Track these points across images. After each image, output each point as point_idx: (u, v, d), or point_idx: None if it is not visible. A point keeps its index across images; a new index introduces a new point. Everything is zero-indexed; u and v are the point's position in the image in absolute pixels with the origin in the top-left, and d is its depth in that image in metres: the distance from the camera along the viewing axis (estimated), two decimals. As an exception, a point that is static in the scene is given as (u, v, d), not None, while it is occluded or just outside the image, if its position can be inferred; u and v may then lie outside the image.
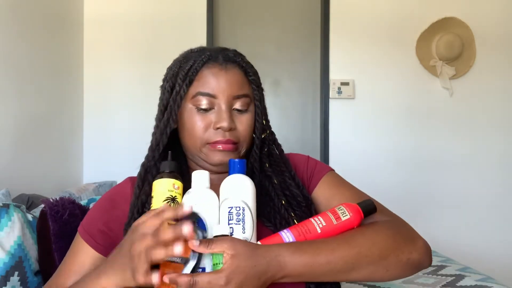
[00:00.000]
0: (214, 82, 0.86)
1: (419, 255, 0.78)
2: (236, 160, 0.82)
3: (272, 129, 0.96)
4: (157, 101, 0.97)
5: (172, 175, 0.80)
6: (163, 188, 0.78)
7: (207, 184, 0.79)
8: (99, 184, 2.11)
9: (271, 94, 2.86)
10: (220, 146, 0.85)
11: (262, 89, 0.93)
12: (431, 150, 2.79)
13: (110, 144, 2.75)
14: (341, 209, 0.78)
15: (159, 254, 0.64)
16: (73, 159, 2.63)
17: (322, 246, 0.73)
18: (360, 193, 0.91)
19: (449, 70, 2.75)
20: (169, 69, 0.93)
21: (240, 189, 0.79)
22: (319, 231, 0.76)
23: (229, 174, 0.82)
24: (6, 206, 1.25)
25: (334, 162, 2.76)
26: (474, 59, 2.78)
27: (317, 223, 0.77)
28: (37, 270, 1.28)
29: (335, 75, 2.79)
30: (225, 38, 2.89)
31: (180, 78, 0.87)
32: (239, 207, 0.77)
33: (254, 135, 0.91)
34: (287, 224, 0.82)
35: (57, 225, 1.25)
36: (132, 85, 2.77)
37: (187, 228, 0.64)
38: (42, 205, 1.32)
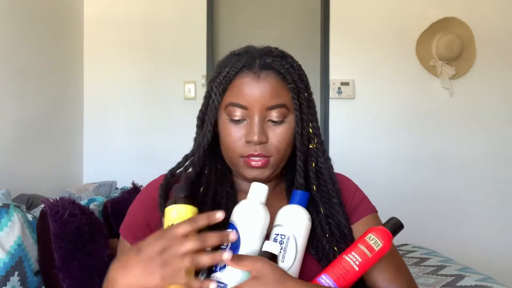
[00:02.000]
0: (246, 93, 0.81)
1: None
2: (300, 191, 0.80)
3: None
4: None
5: (188, 200, 0.72)
6: (179, 216, 0.70)
7: (263, 199, 0.77)
8: (99, 184, 2.11)
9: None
10: (254, 163, 0.82)
11: (308, 94, 0.86)
12: (431, 150, 2.79)
13: (110, 144, 2.75)
14: (372, 239, 0.76)
15: (205, 260, 0.63)
16: (73, 159, 2.63)
17: None
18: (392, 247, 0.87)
19: (449, 70, 2.75)
20: (213, 71, 0.89)
21: (295, 221, 0.78)
22: (357, 269, 0.74)
23: (290, 202, 0.81)
24: (6, 206, 1.25)
25: (334, 162, 2.75)
26: (474, 59, 2.78)
27: (353, 260, 0.74)
28: (37, 270, 1.28)
29: (335, 75, 2.79)
30: (225, 38, 2.90)
31: (216, 86, 0.84)
32: (284, 235, 0.76)
33: (297, 148, 0.85)
34: (328, 258, 0.80)
35: (57, 225, 1.25)
36: (132, 85, 2.77)
37: (233, 236, 0.65)
38: (42, 205, 1.32)
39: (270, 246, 0.72)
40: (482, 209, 2.78)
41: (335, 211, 0.85)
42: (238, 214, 0.76)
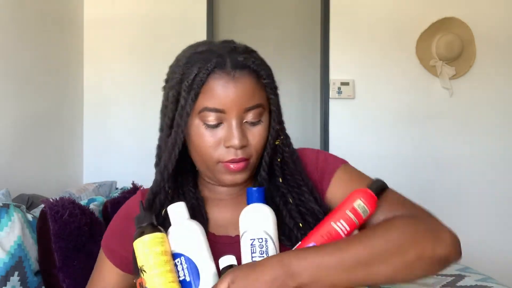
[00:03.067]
0: (222, 95, 0.76)
1: (444, 250, 0.73)
2: (254, 188, 0.78)
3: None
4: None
5: (156, 228, 0.72)
6: (152, 247, 0.71)
7: (186, 215, 0.76)
8: (99, 184, 2.11)
9: (271, 94, 2.86)
10: (233, 166, 0.79)
11: (277, 88, 0.84)
12: (431, 150, 2.79)
13: (110, 144, 2.75)
14: (362, 207, 0.74)
15: None
16: (73, 159, 2.63)
17: (330, 246, 0.70)
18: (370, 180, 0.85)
19: (449, 70, 2.75)
20: (172, 72, 0.83)
21: (261, 219, 0.76)
22: (343, 236, 0.73)
23: (247, 203, 0.78)
24: (6, 206, 1.25)
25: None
26: (474, 59, 2.78)
27: (341, 229, 0.73)
28: (37, 270, 1.28)
29: (335, 75, 2.78)
30: (225, 38, 2.89)
31: (185, 90, 0.77)
32: (262, 238, 0.74)
33: (268, 144, 0.83)
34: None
35: (57, 225, 1.25)
36: (132, 85, 2.77)
37: None
38: (42, 205, 1.32)
39: (226, 260, 0.72)
40: (482, 208, 2.78)
41: (305, 198, 0.83)
42: (178, 242, 0.73)
